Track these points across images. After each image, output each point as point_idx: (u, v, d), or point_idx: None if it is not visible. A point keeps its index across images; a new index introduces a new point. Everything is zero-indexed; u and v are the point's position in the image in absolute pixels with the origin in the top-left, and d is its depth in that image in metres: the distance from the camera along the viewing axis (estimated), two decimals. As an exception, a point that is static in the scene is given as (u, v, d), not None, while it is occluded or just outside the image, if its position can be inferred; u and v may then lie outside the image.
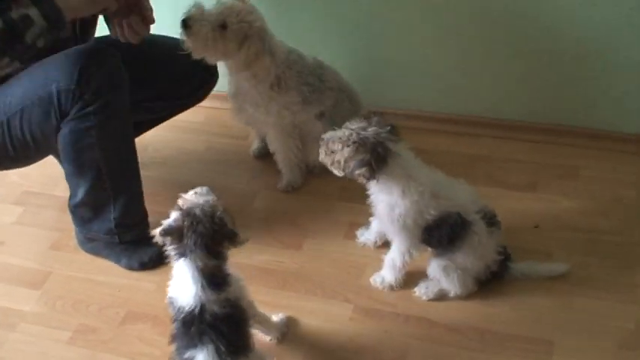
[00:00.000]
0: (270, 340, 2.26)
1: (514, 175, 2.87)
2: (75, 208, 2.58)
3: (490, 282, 2.37)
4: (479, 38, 2.87)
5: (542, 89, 2.93)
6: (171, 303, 1.92)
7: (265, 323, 2.22)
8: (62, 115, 2.28)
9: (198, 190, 1.91)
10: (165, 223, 1.85)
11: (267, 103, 2.63)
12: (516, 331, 2.29)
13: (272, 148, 2.83)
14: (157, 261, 2.58)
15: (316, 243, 2.66)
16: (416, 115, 3.10)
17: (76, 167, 2.43)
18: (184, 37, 2.42)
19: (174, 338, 1.93)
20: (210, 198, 1.88)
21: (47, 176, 2.98)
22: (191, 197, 1.88)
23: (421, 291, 2.40)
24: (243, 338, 1.95)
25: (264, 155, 3.02)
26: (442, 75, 3.02)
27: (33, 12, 2.11)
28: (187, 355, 1.87)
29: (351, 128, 2.14)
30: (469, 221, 2.21)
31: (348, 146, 2.12)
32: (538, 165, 2.91)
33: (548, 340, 2.25)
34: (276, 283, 2.52)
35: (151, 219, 2.58)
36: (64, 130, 2.31)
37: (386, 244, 2.47)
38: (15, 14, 2.11)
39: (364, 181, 2.18)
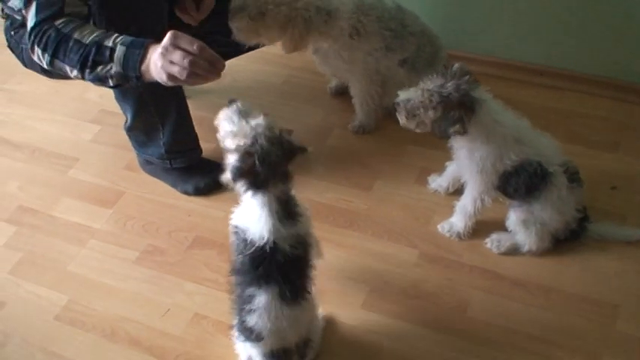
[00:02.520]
0: None
1: (596, 133, 2.79)
2: (129, 132, 2.62)
3: (566, 241, 2.32)
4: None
5: (635, 47, 2.81)
6: (237, 233, 1.86)
7: None
8: None
9: (239, 104, 1.82)
10: (232, 165, 1.74)
11: (350, 52, 2.59)
12: (583, 292, 2.25)
13: (352, 91, 2.80)
14: (212, 187, 2.63)
15: (386, 186, 2.64)
16: (499, 63, 3.03)
17: (119, 91, 2.45)
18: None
19: (236, 271, 1.88)
20: (261, 119, 1.78)
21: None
22: (240, 125, 1.78)
23: (493, 244, 2.37)
24: (307, 281, 1.93)
25: (342, 93, 2.99)
26: (530, 23, 2.91)
27: (120, 50, 1.98)
28: (249, 291, 1.84)
29: (429, 88, 2.08)
30: (550, 172, 2.16)
31: (434, 108, 2.07)
32: (622, 125, 2.81)
33: (615, 304, 2.22)
34: (343, 222, 2.52)
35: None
36: None
37: (457, 192, 2.44)
38: (109, 40, 2.00)
39: (459, 135, 2.11)
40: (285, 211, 1.81)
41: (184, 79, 1.89)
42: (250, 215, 1.82)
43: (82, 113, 3.05)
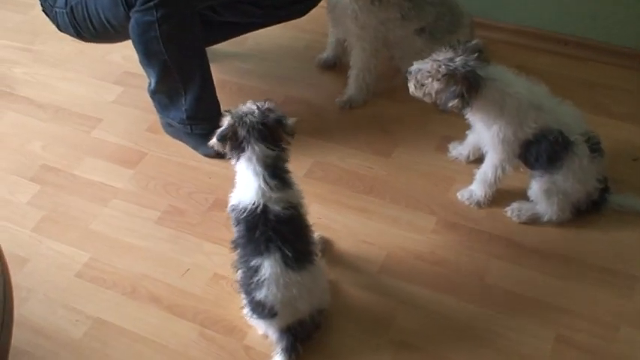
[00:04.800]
0: None
1: (619, 104, 2.76)
2: (152, 94, 2.64)
3: (587, 212, 2.32)
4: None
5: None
6: (233, 210, 1.93)
7: None
8: (129, 5, 2.33)
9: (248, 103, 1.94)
10: (218, 131, 1.90)
11: (365, 16, 2.58)
12: (602, 262, 2.25)
13: (352, 61, 2.78)
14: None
15: (407, 152, 2.64)
16: (524, 32, 3.01)
17: (144, 57, 2.49)
18: None
19: (237, 245, 1.94)
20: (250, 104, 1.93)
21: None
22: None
23: (513, 212, 2.37)
24: (308, 245, 1.96)
25: (329, 67, 3.01)
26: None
27: None
28: (253, 262, 1.88)
29: (439, 60, 2.12)
30: (571, 141, 2.16)
31: (438, 79, 2.10)
32: (647, 97, 2.79)
33: (633, 275, 2.22)
34: (362, 188, 2.52)
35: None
36: (132, 20, 2.36)
37: (478, 161, 2.43)
38: None
39: (457, 111, 2.16)
40: (272, 174, 1.88)
41: None
42: (240, 185, 1.92)
43: (105, 74, 3.06)
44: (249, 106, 1.90)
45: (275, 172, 1.89)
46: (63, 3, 2.48)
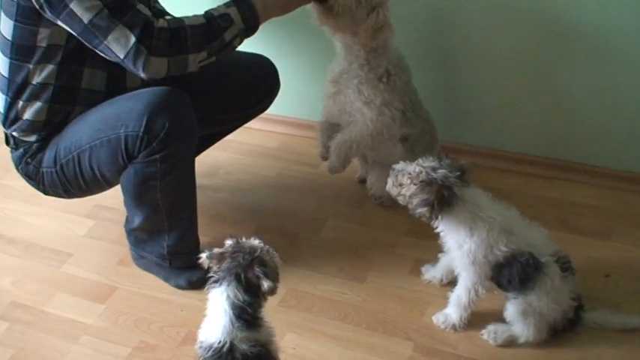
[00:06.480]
0: None
1: (588, 221, 2.81)
2: (131, 231, 2.63)
3: (563, 331, 2.31)
4: (562, 80, 2.84)
5: (623, 135, 2.87)
6: (201, 347, 1.87)
7: None
8: (129, 158, 2.31)
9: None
10: (214, 250, 1.88)
11: (371, 91, 2.59)
12: (581, 382, 2.23)
13: (346, 130, 2.70)
14: (205, 281, 2.59)
15: (380, 277, 2.63)
16: (492, 154, 3.08)
17: (135, 201, 2.47)
18: None
19: None
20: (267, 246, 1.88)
21: (120, 191, 3.01)
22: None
23: (490, 335, 2.35)
24: None
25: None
26: (519, 113, 2.99)
27: (233, 11, 2.20)
28: None
29: (423, 166, 2.15)
30: (542, 262, 2.17)
31: (415, 184, 2.13)
32: (613, 212, 2.84)
33: (614, 395, 2.19)
34: (337, 315, 2.49)
35: (217, 241, 2.59)
36: (130, 169, 2.35)
37: (452, 283, 2.43)
38: (216, 12, 2.20)
39: (424, 219, 2.18)
40: (238, 315, 1.81)
41: None
42: (209, 318, 1.87)
43: (76, 208, 3.05)
44: (253, 244, 1.85)
45: (242, 315, 1.82)
46: (51, 162, 2.45)
